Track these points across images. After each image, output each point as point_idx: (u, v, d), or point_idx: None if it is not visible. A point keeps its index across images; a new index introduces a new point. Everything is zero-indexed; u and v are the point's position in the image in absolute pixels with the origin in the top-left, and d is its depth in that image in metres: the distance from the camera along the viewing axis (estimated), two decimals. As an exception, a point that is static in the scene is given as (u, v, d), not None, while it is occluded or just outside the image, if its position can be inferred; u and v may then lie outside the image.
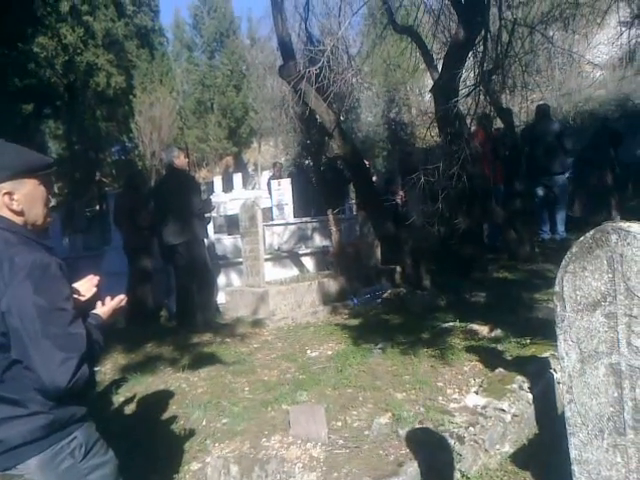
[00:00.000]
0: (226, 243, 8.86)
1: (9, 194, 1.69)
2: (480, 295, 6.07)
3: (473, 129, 7.93)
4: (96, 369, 4.41)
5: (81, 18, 22.16)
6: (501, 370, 3.68)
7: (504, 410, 3.12)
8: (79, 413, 1.74)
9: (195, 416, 3.58)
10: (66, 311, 1.65)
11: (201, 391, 4.03)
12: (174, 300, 6.44)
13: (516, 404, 3.19)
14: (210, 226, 7.64)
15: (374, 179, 10.51)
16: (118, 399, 4.04)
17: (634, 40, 7.44)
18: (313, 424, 3.10)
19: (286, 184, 10.69)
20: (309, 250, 8.98)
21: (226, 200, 13.09)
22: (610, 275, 1.74)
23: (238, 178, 15.66)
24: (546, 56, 7.03)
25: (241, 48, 27.93)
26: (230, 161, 25.80)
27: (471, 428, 2.96)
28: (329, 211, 8.22)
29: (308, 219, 10.35)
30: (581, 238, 1.80)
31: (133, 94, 23.63)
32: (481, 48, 6.37)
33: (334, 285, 6.83)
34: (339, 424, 3.28)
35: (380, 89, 17.66)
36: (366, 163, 9.49)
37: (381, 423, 3.16)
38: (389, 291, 6.68)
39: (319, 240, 9.73)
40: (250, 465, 2.90)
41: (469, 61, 6.88)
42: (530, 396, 3.30)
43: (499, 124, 9.43)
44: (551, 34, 7.22)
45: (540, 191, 8.50)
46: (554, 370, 3.45)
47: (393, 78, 17.29)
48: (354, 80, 7.36)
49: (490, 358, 4.00)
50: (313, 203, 11.55)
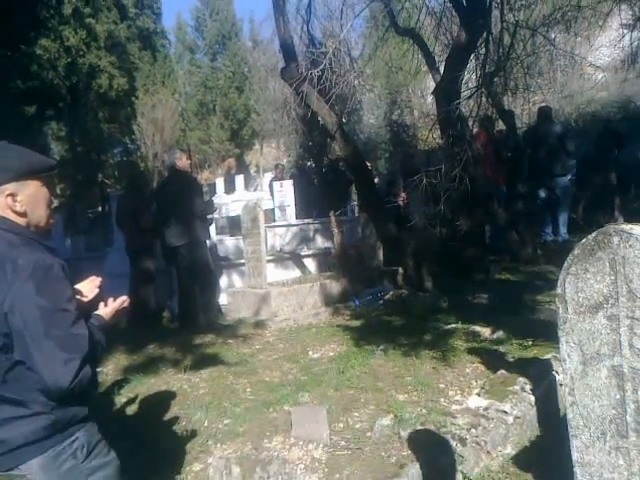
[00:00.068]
0: (228, 244, 8.86)
1: (12, 195, 1.70)
2: (482, 297, 6.07)
3: (475, 131, 7.94)
4: (98, 370, 4.41)
5: (84, 20, 22.23)
6: (503, 372, 3.67)
7: (506, 412, 3.12)
8: (81, 414, 1.74)
9: (197, 417, 3.58)
10: (69, 312, 1.65)
11: (203, 392, 4.04)
12: (176, 301, 6.45)
13: (518, 406, 3.19)
14: (212, 227, 7.65)
15: (376, 181, 10.49)
16: (120, 400, 4.04)
17: (636, 42, 7.47)
18: (315, 425, 3.10)
19: (288, 186, 10.70)
20: (311, 252, 8.98)
21: (228, 202, 13.07)
22: (612, 277, 1.73)
23: (240, 180, 15.64)
24: (548, 58, 7.05)
25: (243, 50, 27.96)
26: (232, 163, 25.82)
27: (473, 430, 2.96)
28: (331, 213, 8.22)
29: (310, 221, 10.34)
30: (583, 240, 1.80)
31: (135, 96, 23.70)
32: (483, 50, 6.39)
33: (336, 287, 6.83)
34: (341, 425, 3.28)
35: (382, 91, 17.68)
36: (368, 165, 9.48)
37: (383, 425, 3.15)
38: (391, 293, 6.67)
39: (321, 242, 9.72)
40: (252, 466, 2.90)
41: (471, 63, 6.89)
42: (532, 398, 3.30)
43: (501, 126, 9.44)
44: (553, 36, 7.22)
45: (542, 193, 8.49)
46: (556, 372, 3.45)
47: (395, 80, 17.29)
48: (356, 82, 7.38)
49: (492, 360, 4.00)
50: (315, 205, 11.56)
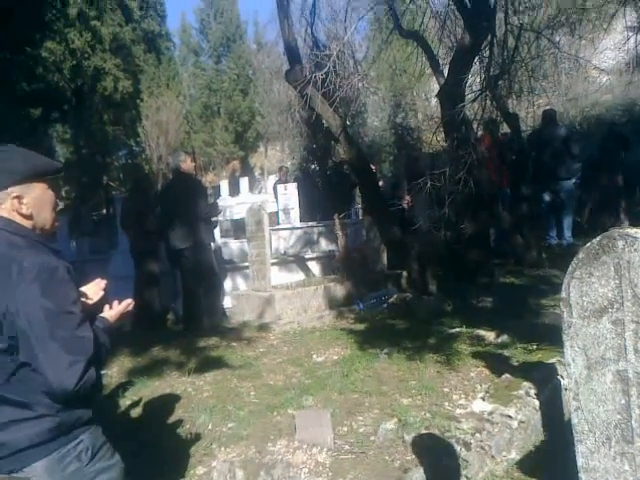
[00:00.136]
0: (232, 247, 8.87)
1: (18, 198, 1.71)
2: (487, 300, 6.06)
3: (479, 134, 7.93)
4: (102, 372, 4.42)
5: (89, 23, 22.31)
6: (507, 376, 3.66)
7: (511, 416, 3.11)
8: (85, 416, 1.74)
9: (201, 420, 3.58)
10: (74, 314, 1.65)
11: (207, 395, 4.04)
12: (180, 304, 6.46)
13: (523, 410, 3.18)
14: (217, 230, 7.67)
15: (380, 184, 10.49)
16: (124, 402, 4.04)
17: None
18: (319, 429, 3.10)
19: (292, 188, 10.72)
20: (315, 254, 8.98)
21: (232, 204, 13.09)
22: (617, 281, 1.72)
23: (244, 182, 15.64)
24: (552, 61, 7.04)
25: (248, 53, 28.00)
26: (237, 165, 25.83)
27: (477, 434, 2.95)
28: (335, 216, 8.21)
29: (314, 223, 10.35)
30: (588, 244, 1.79)
31: (140, 98, 23.74)
32: (487, 53, 6.38)
33: (340, 290, 6.82)
34: (345, 429, 3.27)
35: (386, 94, 17.68)
36: (372, 168, 9.49)
37: (387, 429, 3.15)
38: (395, 296, 6.66)
39: (325, 244, 9.73)
40: (256, 470, 2.90)
41: (475, 66, 6.89)
42: (537, 402, 3.28)
43: (506, 129, 9.43)
44: (557, 39, 7.23)
45: (547, 196, 8.47)
46: (561, 376, 3.43)
47: (399, 83, 17.30)
48: (360, 85, 7.38)
49: (496, 364, 3.99)
50: (319, 207, 11.57)
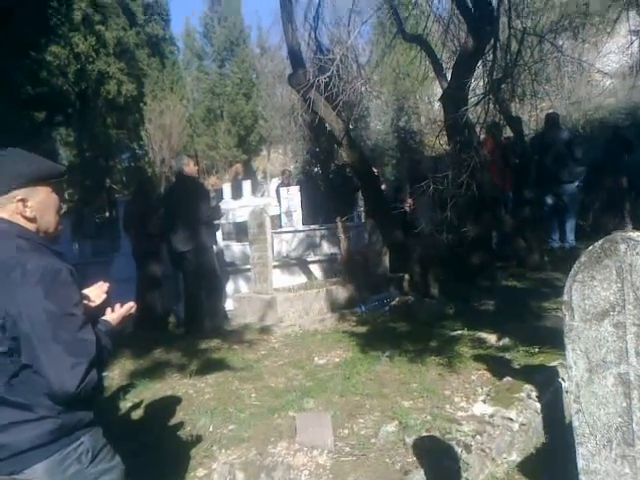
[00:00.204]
0: (235, 250, 8.89)
1: (23, 201, 1.72)
2: (488, 303, 6.05)
3: (482, 138, 7.93)
4: (104, 374, 4.43)
5: (93, 27, 22.43)
6: (509, 379, 3.66)
7: (512, 419, 3.10)
8: (87, 418, 1.74)
9: (202, 422, 3.58)
10: (76, 317, 1.66)
11: (208, 397, 4.04)
12: (182, 306, 6.47)
13: (524, 413, 3.18)
14: (219, 233, 7.68)
15: (383, 187, 10.51)
16: (125, 404, 4.04)
17: (644, 49, 7.44)
18: (320, 431, 3.09)
19: (295, 191, 10.75)
20: (317, 257, 8.99)
21: (235, 207, 13.15)
22: (619, 285, 1.73)
23: (247, 185, 15.72)
24: (556, 65, 7.02)
25: (251, 57, 28.08)
26: (239, 168, 25.86)
27: (478, 437, 2.94)
28: (338, 219, 8.23)
29: (316, 226, 10.37)
30: (590, 247, 1.80)
31: (144, 102, 23.81)
32: (490, 57, 6.38)
33: (342, 292, 6.82)
34: (346, 432, 3.27)
35: (389, 97, 17.67)
36: (375, 171, 9.51)
37: (388, 431, 3.15)
38: (397, 299, 6.66)
39: (327, 247, 9.74)
40: (256, 472, 2.90)
41: (478, 70, 6.89)
42: (538, 405, 3.28)
43: (509, 133, 9.43)
44: (561, 43, 7.22)
45: (549, 199, 8.46)
46: (562, 379, 3.43)
47: (402, 87, 17.31)
48: (363, 89, 7.38)
49: (498, 366, 3.98)
50: (322, 210, 11.57)
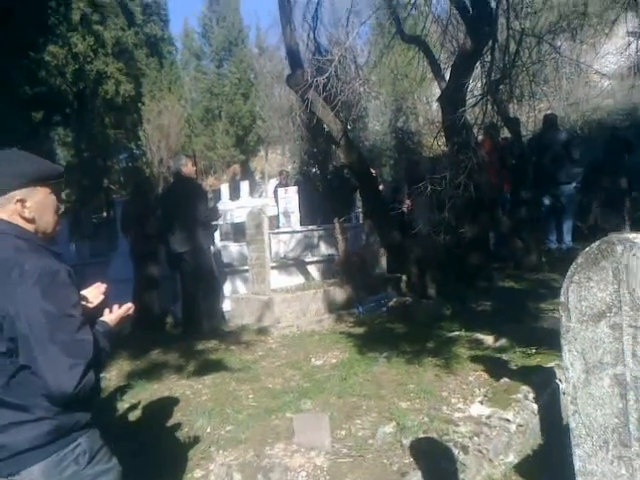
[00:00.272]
0: (232, 250, 8.87)
1: (22, 201, 1.72)
2: (486, 304, 6.06)
3: (480, 139, 7.94)
4: (101, 375, 4.42)
5: (91, 27, 22.41)
6: (506, 380, 3.66)
7: (509, 420, 3.10)
8: (84, 419, 1.74)
9: (199, 423, 3.57)
10: (74, 317, 1.65)
11: (205, 398, 4.04)
12: (180, 307, 6.47)
13: (521, 414, 3.18)
14: (216, 233, 7.67)
15: (381, 188, 10.51)
16: (123, 405, 4.04)
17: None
18: (317, 432, 3.09)
19: (293, 192, 10.73)
20: (315, 258, 8.98)
21: (233, 208, 13.14)
22: (615, 286, 1.72)
23: (245, 186, 15.70)
24: (554, 66, 7.04)
25: (249, 57, 28.07)
26: (237, 169, 25.82)
27: (475, 438, 2.95)
28: (335, 219, 8.22)
29: (314, 227, 10.36)
30: (587, 249, 1.79)
31: (142, 102, 23.79)
32: (489, 58, 6.39)
33: (339, 293, 6.82)
34: (343, 433, 3.27)
35: (387, 98, 17.71)
36: (373, 172, 9.51)
37: (385, 432, 3.15)
38: (394, 300, 6.66)
39: (325, 248, 9.73)
40: (253, 473, 2.90)
41: (476, 71, 6.90)
42: (535, 406, 3.28)
43: (506, 134, 9.44)
44: (559, 44, 7.24)
45: (547, 200, 8.48)
46: (559, 380, 3.43)
47: (400, 87, 17.33)
48: (361, 89, 7.38)
49: (495, 368, 3.99)
50: (319, 211, 11.57)
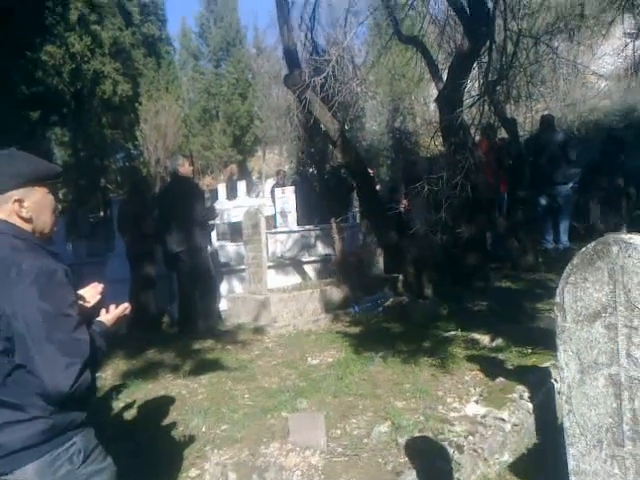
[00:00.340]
0: (229, 250, 8.87)
1: (19, 201, 1.72)
2: (482, 304, 6.07)
3: (477, 139, 7.95)
4: (97, 375, 4.41)
5: (89, 27, 22.33)
6: (502, 379, 3.67)
7: (504, 419, 3.11)
8: (79, 419, 1.74)
9: (194, 422, 3.57)
10: (71, 317, 1.66)
11: (201, 397, 4.03)
12: (176, 306, 6.46)
13: (516, 413, 3.19)
14: (213, 233, 7.66)
15: (378, 188, 10.51)
16: (118, 405, 4.03)
17: (639, 51, 7.46)
18: (312, 432, 3.09)
19: (290, 192, 10.74)
20: (312, 258, 8.98)
21: (230, 207, 13.10)
22: (611, 286, 1.73)
23: (242, 186, 15.64)
24: (551, 67, 7.05)
25: (247, 57, 28.02)
26: (234, 169, 25.75)
27: (470, 437, 2.95)
28: (332, 219, 8.23)
29: (311, 227, 10.36)
30: (583, 249, 1.80)
31: (139, 102, 23.71)
32: (486, 58, 6.39)
33: (336, 293, 6.82)
34: (338, 432, 3.27)
35: (385, 98, 17.69)
36: (370, 172, 9.50)
37: (380, 431, 3.15)
38: (391, 300, 6.67)
39: (322, 248, 9.74)
40: (248, 472, 2.89)
41: (474, 71, 6.92)
42: (530, 406, 3.29)
43: (504, 134, 9.45)
44: (556, 45, 7.25)
45: (543, 200, 8.49)
46: (555, 380, 3.44)
47: (398, 88, 17.34)
48: (359, 89, 7.39)
49: (491, 367, 4.00)
50: (316, 211, 11.57)
